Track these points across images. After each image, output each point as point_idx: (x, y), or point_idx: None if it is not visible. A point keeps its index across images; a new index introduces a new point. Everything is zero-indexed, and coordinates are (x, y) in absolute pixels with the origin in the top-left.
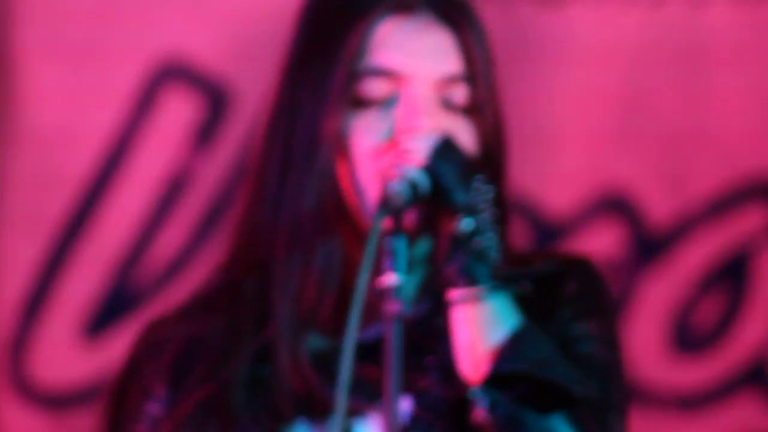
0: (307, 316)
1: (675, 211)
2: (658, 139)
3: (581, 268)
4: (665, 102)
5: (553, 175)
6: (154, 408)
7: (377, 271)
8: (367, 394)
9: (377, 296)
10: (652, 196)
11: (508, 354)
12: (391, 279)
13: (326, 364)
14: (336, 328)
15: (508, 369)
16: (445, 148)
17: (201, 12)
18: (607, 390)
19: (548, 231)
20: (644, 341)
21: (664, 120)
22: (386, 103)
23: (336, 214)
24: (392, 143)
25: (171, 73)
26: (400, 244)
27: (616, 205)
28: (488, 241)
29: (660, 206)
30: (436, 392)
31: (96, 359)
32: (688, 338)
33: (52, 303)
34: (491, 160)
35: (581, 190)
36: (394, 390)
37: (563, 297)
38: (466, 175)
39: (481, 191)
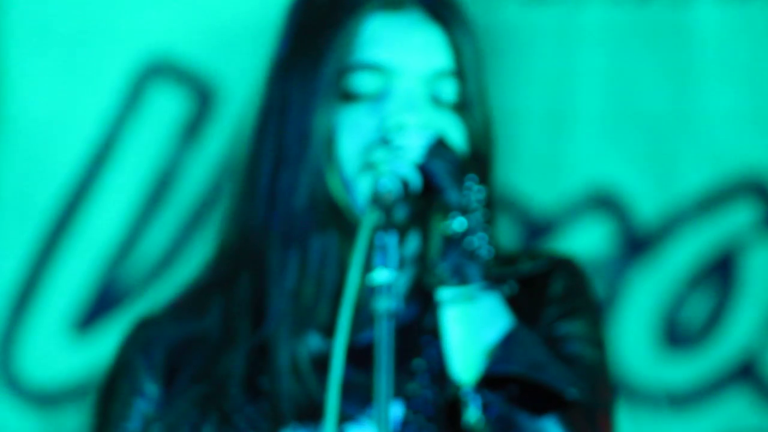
0: (305, 315)
1: (663, 207)
2: (645, 135)
3: (566, 267)
4: (652, 98)
5: (540, 172)
6: (144, 406)
7: (368, 267)
8: (361, 400)
9: (372, 296)
10: (640, 193)
11: (500, 355)
12: (382, 275)
13: (325, 366)
14: (335, 328)
15: (501, 370)
16: (439, 147)
17: (187, 8)
18: (595, 390)
19: (536, 228)
20: (633, 338)
21: (651, 116)
22: (375, 98)
23: (328, 211)
24: (382, 139)
25: (158, 69)
26: (391, 240)
27: (603, 202)
28: (480, 240)
29: (648, 203)
30: (427, 394)
31: (85, 355)
32: (677, 335)
33: (41, 298)
34: (480, 157)
35: (568, 187)
36: (386, 388)
37: (549, 297)
38: (459, 174)
39: (474, 191)
